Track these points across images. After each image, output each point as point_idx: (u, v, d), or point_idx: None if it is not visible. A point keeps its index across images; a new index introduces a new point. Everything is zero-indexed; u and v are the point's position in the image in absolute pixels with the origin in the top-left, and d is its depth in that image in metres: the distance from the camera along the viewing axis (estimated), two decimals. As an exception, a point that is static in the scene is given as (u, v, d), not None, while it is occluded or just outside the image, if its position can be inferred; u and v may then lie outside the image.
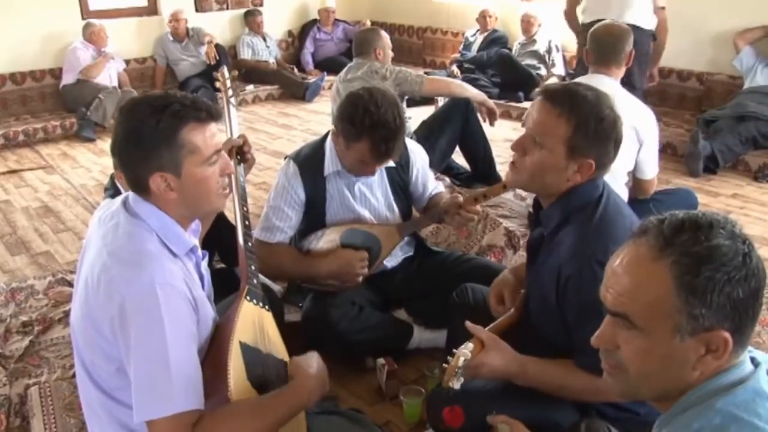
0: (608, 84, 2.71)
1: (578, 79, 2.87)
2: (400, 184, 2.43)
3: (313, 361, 1.58)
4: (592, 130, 1.54)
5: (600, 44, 2.87)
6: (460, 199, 2.29)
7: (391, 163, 2.31)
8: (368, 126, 2.11)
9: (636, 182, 2.87)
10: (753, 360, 0.97)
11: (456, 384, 1.53)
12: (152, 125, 1.38)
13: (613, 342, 0.99)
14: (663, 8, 4.46)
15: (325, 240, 2.31)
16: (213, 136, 1.46)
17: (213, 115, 1.45)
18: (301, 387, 1.52)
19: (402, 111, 2.18)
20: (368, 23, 7.21)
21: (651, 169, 2.83)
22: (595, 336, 1.01)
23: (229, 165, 1.52)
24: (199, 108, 1.42)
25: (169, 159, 1.40)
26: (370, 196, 2.38)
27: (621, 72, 2.89)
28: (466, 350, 1.55)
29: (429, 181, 2.53)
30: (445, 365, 1.57)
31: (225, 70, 2.28)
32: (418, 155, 2.48)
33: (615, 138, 1.58)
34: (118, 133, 1.43)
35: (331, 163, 2.29)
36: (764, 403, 0.91)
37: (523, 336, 1.72)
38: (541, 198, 1.71)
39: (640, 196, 2.89)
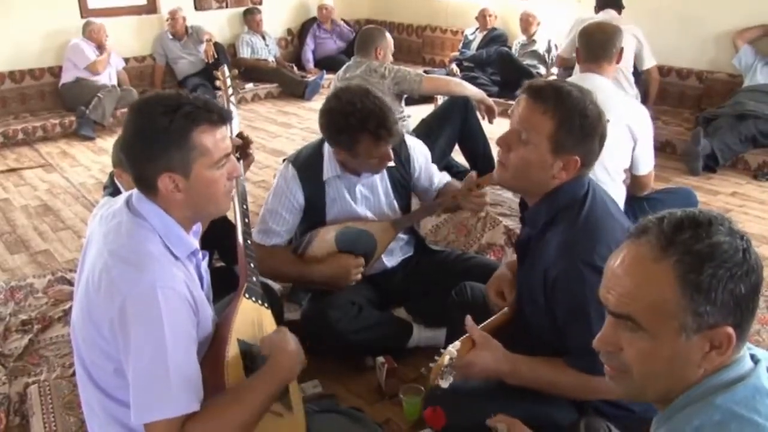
0: (599, 82, 2.71)
1: (569, 78, 2.87)
2: (401, 182, 2.42)
3: (287, 337, 1.56)
4: (578, 127, 1.54)
5: (590, 41, 2.87)
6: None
7: (391, 163, 2.31)
8: (358, 125, 2.10)
9: (633, 179, 2.87)
10: (753, 357, 0.97)
11: (444, 383, 1.52)
12: (164, 125, 1.37)
13: (615, 344, 0.98)
14: (652, 67, 4.62)
15: (320, 239, 2.30)
16: (223, 139, 1.45)
17: (224, 118, 1.46)
18: (278, 364, 1.50)
19: (374, 91, 2.19)
20: (331, 7, 7.25)
21: (646, 165, 2.83)
22: (597, 339, 1.00)
23: (236, 168, 1.51)
24: (211, 110, 1.43)
25: (179, 160, 1.39)
26: (372, 197, 2.38)
27: (612, 69, 2.88)
28: (452, 349, 1.54)
29: (434, 175, 2.51)
30: (431, 364, 1.56)
31: (225, 68, 2.28)
32: (419, 151, 2.47)
33: (600, 134, 1.57)
34: (129, 130, 1.43)
35: (329, 167, 2.28)
36: (764, 400, 0.91)
37: (516, 334, 1.72)
38: (526, 197, 1.70)
39: (638, 193, 2.89)
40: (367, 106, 2.10)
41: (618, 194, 2.68)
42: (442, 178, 2.55)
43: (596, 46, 2.83)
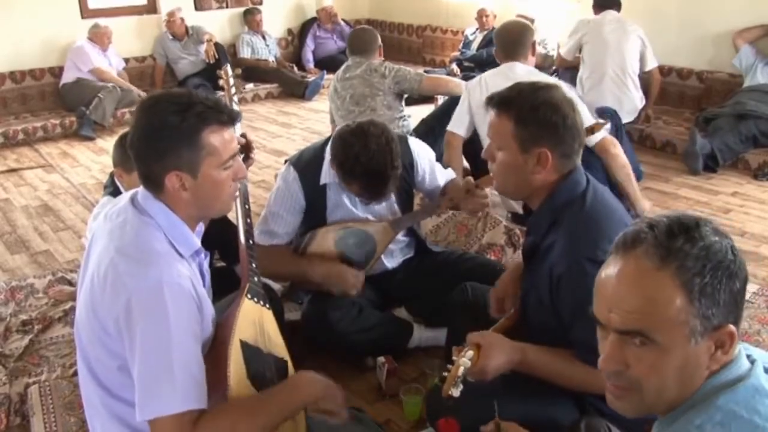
0: (520, 67, 3.06)
1: (490, 72, 3.20)
2: (405, 187, 2.40)
3: (319, 375, 1.57)
4: (531, 120, 1.58)
5: (504, 40, 3.16)
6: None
7: None
8: (358, 174, 2.10)
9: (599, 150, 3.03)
10: (748, 357, 0.97)
11: (456, 392, 1.53)
12: (175, 124, 1.38)
13: (623, 362, 0.95)
14: (654, 69, 4.65)
15: (320, 239, 2.30)
16: (231, 140, 1.46)
17: (233, 118, 1.47)
18: (296, 385, 1.52)
19: (395, 149, 2.11)
20: (331, 7, 7.25)
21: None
22: (603, 359, 0.98)
23: (242, 169, 1.52)
24: (221, 110, 1.43)
25: (188, 159, 1.40)
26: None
27: (529, 63, 3.15)
28: (465, 359, 1.54)
29: (439, 176, 2.50)
30: (445, 374, 1.56)
31: (228, 68, 2.27)
32: (423, 156, 2.45)
33: (563, 123, 1.58)
34: (138, 127, 1.43)
35: (328, 173, 2.26)
36: (763, 401, 0.92)
37: (520, 339, 1.72)
38: (527, 202, 1.73)
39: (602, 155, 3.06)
40: (378, 168, 2.07)
41: None
42: (448, 175, 2.54)
43: (510, 44, 3.13)
